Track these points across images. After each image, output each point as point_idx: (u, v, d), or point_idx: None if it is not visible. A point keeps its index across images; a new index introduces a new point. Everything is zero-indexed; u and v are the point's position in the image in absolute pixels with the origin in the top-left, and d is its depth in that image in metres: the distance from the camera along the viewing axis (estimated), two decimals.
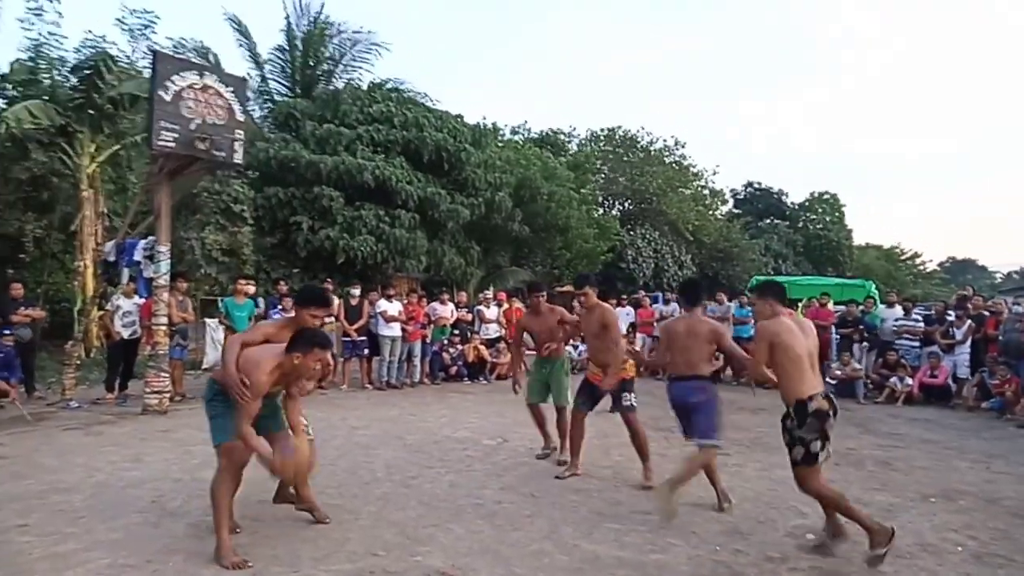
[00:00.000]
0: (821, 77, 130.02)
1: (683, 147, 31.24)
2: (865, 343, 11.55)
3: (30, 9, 14.11)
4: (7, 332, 8.54)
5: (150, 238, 8.85)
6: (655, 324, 13.59)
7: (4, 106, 13.45)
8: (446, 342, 11.89)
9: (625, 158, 30.31)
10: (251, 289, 10.43)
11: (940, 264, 60.28)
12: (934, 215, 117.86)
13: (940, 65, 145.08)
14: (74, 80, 13.25)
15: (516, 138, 26.91)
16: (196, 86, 8.25)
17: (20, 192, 13.22)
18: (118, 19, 16.28)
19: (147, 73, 12.57)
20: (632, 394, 5.65)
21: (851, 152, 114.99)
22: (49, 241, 13.68)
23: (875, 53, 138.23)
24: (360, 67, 19.26)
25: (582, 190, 22.94)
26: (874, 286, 16.05)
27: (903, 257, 50.66)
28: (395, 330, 10.78)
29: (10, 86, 13.78)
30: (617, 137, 30.72)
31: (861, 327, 11.57)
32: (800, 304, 14.45)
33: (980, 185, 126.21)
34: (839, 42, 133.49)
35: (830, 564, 3.98)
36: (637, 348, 13.41)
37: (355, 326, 10.59)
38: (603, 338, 5.66)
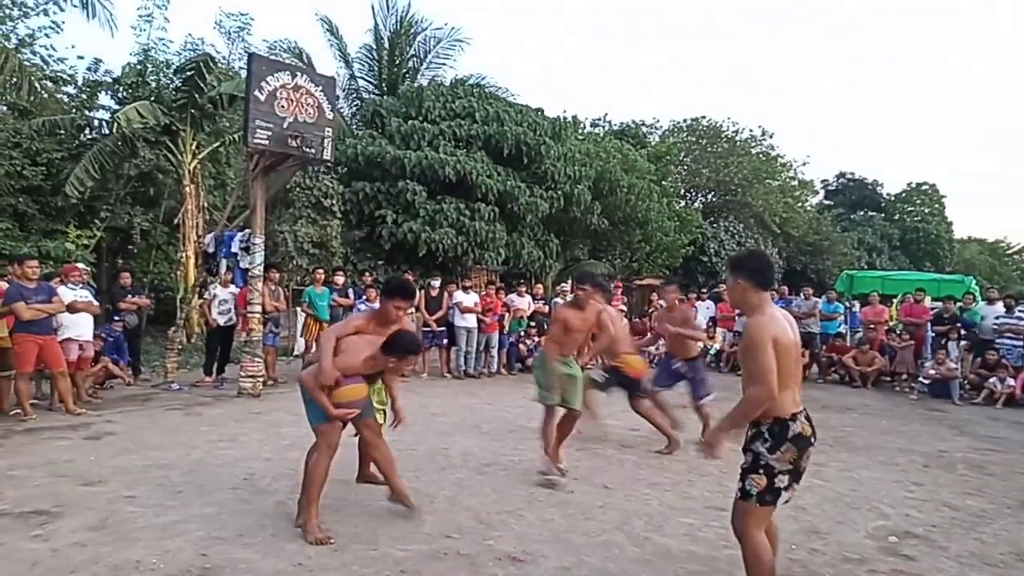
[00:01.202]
0: (920, 63, 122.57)
1: (771, 137, 30.28)
2: (963, 341, 10.95)
3: (141, 16, 15.11)
4: (116, 318, 9.22)
5: (246, 231, 9.32)
6: (736, 319, 13.29)
7: (116, 107, 14.45)
8: (523, 334, 12.01)
9: (709, 149, 29.62)
10: (340, 280, 10.90)
11: None
12: None
13: None
14: (177, 82, 14.09)
15: (596, 131, 26.69)
16: (288, 86, 8.64)
17: (129, 187, 14.18)
18: (216, 22, 17.23)
19: (244, 73, 13.24)
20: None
21: (952, 140, 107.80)
22: (155, 233, 14.61)
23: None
24: (443, 63, 19.69)
25: (663, 182, 22.57)
26: (974, 282, 15.14)
27: (1009, 251, 47.47)
28: (470, 321, 10.99)
29: (121, 88, 14.79)
30: (701, 128, 30.03)
31: (959, 325, 10.97)
32: (895, 300, 13.81)
33: None
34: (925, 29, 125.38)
35: (913, 568, 3.85)
36: (718, 343, 13.20)
37: (435, 316, 10.87)
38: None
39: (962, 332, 10.92)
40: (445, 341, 11.11)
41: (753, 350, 2.91)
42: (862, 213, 37.29)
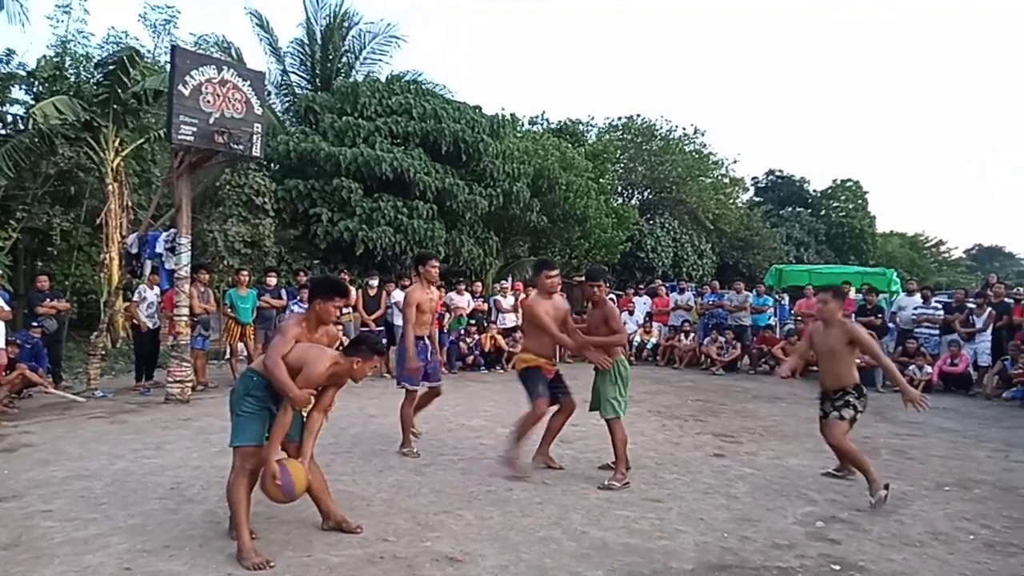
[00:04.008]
0: (843, 59, 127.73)
1: (703, 135, 31.00)
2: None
3: (59, 6, 14.39)
4: (34, 324, 8.77)
5: (171, 230, 8.99)
6: (670, 313, 13.57)
7: (32, 102, 13.73)
8: (463, 332, 11.98)
9: (644, 147, 30.08)
10: (272, 280, 10.63)
11: (966, 251, 59.30)
12: (961, 200, 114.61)
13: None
14: (99, 76, 13.45)
15: (534, 128, 26.78)
16: (214, 80, 8.37)
17: (48, 186, 13.46)
18: (141, 15, 16.56)
19: (169, 68, 12.79)
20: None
21: (876, 136, 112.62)
22: (76, 234, 13.92)
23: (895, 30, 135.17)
24: (379, 59, 19.38)
25: (600, 180, 22.82)
26: (895, 274, 15.84)
27: (927, 244, 49.99)
28: None
29: (37, 82, 14.04)
30: (635, 126, 30.46)
31: (880, 316, 11.45)
32: None
33: (1009, 166, 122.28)
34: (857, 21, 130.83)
35: (838, 552, 3.99)
36: (655, 337, 13.43)
37: (373, 316, 10.72)
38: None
39: (882, 321, 11.40)
40: (384, 341, 10.96)
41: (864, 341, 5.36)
42: (790, 209, 38.59)
